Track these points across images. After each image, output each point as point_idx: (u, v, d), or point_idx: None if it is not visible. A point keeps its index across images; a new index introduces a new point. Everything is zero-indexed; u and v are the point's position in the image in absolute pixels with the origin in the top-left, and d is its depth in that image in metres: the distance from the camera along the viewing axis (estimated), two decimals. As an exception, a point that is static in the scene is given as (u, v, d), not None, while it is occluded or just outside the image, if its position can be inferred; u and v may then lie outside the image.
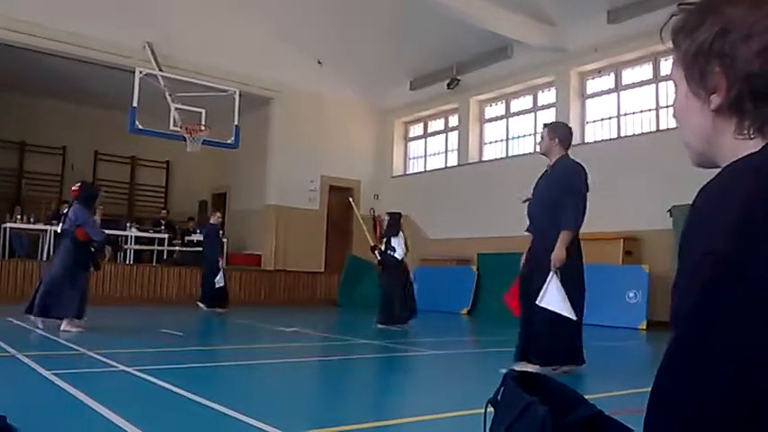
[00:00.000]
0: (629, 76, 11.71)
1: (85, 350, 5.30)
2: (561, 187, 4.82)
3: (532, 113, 13.54)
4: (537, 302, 4.53)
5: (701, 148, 0.87)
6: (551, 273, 4.55)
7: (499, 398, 0.98)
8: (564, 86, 12.43)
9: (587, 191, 4.97)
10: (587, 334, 5.21)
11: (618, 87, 11.84)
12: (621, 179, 10.88)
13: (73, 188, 7.66)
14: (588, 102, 12.40)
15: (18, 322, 7.57)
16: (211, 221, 11.42)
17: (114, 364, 4.58)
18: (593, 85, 12.34)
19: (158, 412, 3.24)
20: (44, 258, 12.27)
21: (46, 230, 12.54)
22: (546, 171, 5.13)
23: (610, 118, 11.96)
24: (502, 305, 11.36)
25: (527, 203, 5.19)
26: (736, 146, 0.79)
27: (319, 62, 14.97)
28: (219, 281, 10.57)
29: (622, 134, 11.63)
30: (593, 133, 12.20)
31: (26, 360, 4.58)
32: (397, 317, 8.50)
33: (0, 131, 15.13)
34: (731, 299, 0.66)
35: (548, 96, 13.15)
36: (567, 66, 12.33)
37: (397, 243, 8.80)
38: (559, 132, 5.02)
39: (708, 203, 0.75)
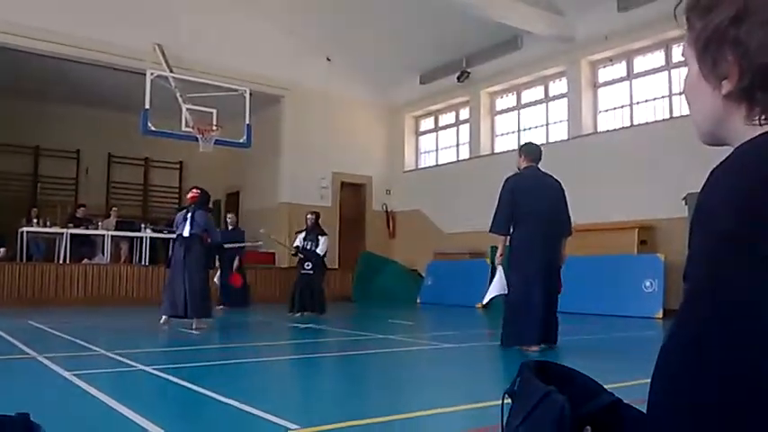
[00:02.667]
0: (640, 63, 11.60)
1: (104, 351, 5.35)
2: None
3: (544, 104, 13.46)
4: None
5: (710, 129, 0.85)
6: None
7: (516, 388, 0.98)
8: (575, 76, 12.34)
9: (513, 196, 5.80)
10: (604, 324, 5.23)
11: (630, 75, 11.73)
12: (635, 168, 10.80)
13: (191, 194, 7.71)
14: (600, 90, 12.30)
15: (37, 324, 7.66)
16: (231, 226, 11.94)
17: (132, 363, 4.62)
18: (604, 74, 12.24)
19: (175, 409, 3.27)
20: (60, 261, 12.39)
21: (62, 234, 12.65)
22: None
23: (622, 106, 11.86)
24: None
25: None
26: (746, 130, 0.78)
27: (328, 59, 14.98)
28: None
29: (635, 122, 11.53)
30: (606, 122, 12.10)
31: (46, 362, 4.63)
32: (324, 307, 9.75)
33: (15, 136, 15.30)
34: (741, 280, 0.65)
35: (559, 86, 13.07)
36: (577, 55, 12.24)
37: (323, 241, 9.75)
38: (524, 149, 6.01)
39: (718, 185, 0.74)
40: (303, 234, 9.97)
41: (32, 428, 0.90)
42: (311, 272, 9.70)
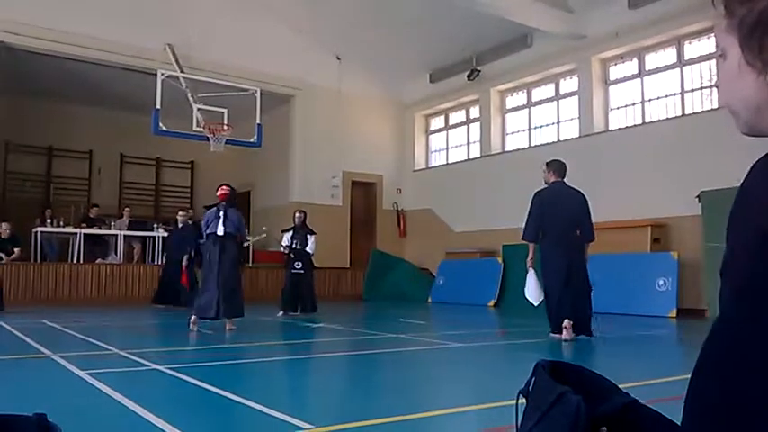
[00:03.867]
0: (652, 60, 11.52)
1: (117, 350, 5.39)
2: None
3: (554, 102, 13.40)
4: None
5: (751, 119, 0.82)
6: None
7: (531, 388, 0.97)
8: (586, 74, 12.28)
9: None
10: (618, 323, 5.20)
11: (641, 73, 11.66)
12: (647, 166, 10.73)
13: (221, 191, 7.44)
14: (611, 88, 12.23)
15: (52, 324, 7.73)
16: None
17: (146, 362, 4.65)
18: (615, 72, 12.17)
19: (189, 408, 3.29)
20: (74, 261, 12.49)
21: (76, 234, 12.75)
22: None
23: (634, 104, 11.79)
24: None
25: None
26: None
27: (338, 58, 14.99)
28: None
29: (647, 120, 11.45)
30: (618, 120, 12.03)
31: (61, 360, 4.67)
32: (316, 305, 9.80)
33: (28, 137, 15.43)
34: None
35: (570, 84, 13.01)
36: (588, 53, 12.18)
37: (313, 240, 9.74)
38: (553, 166, 6.64)
39: (758, 180, 0.72)
40: (290, 233, 9.88)
41: (50, 428, 0.90)
42: (302, 271, 9.65)
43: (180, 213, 11.78)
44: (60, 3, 11.87)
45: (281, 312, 9.49)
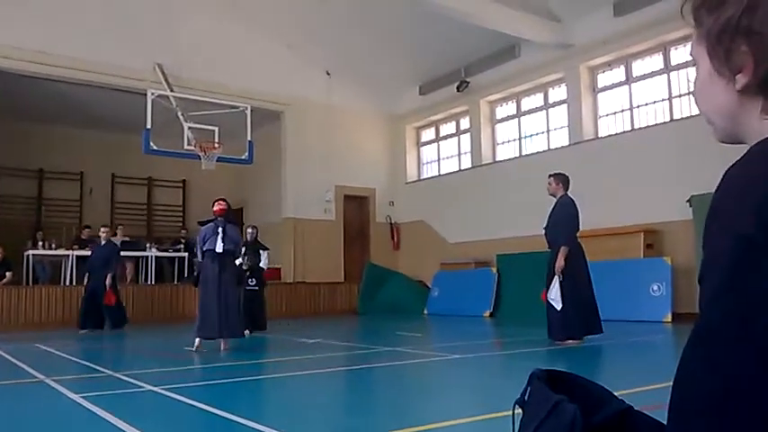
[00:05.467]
0: (639, 67, 11.62)
1: (111, 372, 5.34)
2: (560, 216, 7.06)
3: (544, 111, 13.48)
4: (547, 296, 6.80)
5: (726, 127, 0.83)
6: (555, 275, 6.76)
7: (526, 398, 0.97)
8: (574, 82, 12.36)
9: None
10: (613, 329, 5.22)
11: (629, 79, 11.75)
12: (638, 171, 10.78)
13: (218, 206, 7.13)
14: (600, 95, 12.32)
15: (45, 348, 7.65)
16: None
17: (141, 384, 4.61)
18: (603, 79, 12.26)
19: (184, 429, 3.25)
20: (68, 283, 12.40)
21: (68, 255, 12.67)
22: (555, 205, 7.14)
23: (623, 110, 11.87)
24: (524, 306, 11.25)
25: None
26: (763, 126, 0.76)
27: (328, 73, 15.05)
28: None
29: (636, 126, 11.53)
30: (607, 127, 12.11)
31: (54, 384, 4.62)
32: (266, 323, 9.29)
33: (18, 160, 15.37)
34: (756, 283, 0.64)
35: (558, 93, 13.09)
36: (575, 61, 12.27)
37: (266, 255, 9.36)
38: (561, 179, 7.16)
39: (733, 184, 0.72)
40: (243, 249, 9.05)
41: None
42: (256, 288, 9.15)
43: (102, 229, 11.06)
44: (49, 26, 11.87)
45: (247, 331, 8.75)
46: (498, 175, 13.72)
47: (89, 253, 11.22)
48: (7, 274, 11.45)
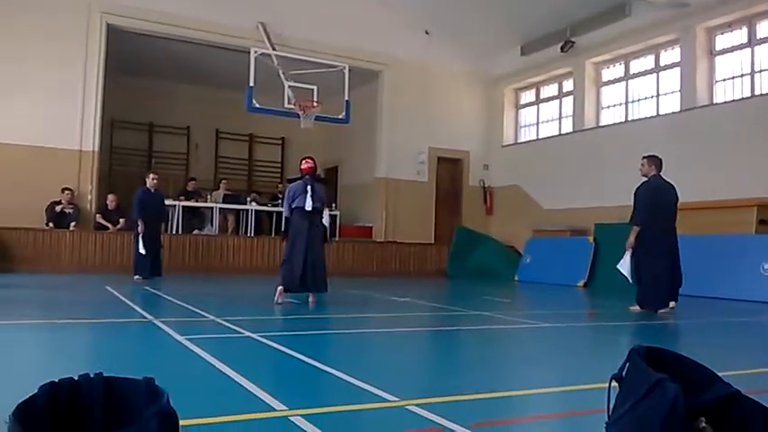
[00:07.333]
0: (764, 28, 10.69)
1: (213, 317, 5.67)
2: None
3: (654, 74, 12.73)
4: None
5: None
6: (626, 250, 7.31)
7: (624, 374, 0.94)
8: (689, 44, 11.56)
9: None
10: (718, 308, 4.94)
11: (752, 42, 10.85)
12: (756, 141, 10.05)
13: (306, 164, 7.17)
14: (717, 59, 11.47)
15: (153, 291, 8.21)
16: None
17: (240, 330, 4.86)
18: (722, 41, 11.38)
19: (280, 375, 3.42)
20: (173, 232, 13.14)
21: (175, 206, 13.39)
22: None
23: (742, 75, 11.01)
24: (622, 277, 10.84)
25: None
26: None
27: (426, 32, 14.85)
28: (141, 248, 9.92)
29: (756, 92, 10.68)
30: (724, 92, 11.29)
31: (162, 325, 4.96)
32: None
33: (131, 114, 16.31)
34: None
35: (671, 55, 12.30)
36: (692, 21, 11.45)
37: (326, 214, 8.31)
38: (654, 161, 7.46)
39: None
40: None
41: (158, 393, 0.95)
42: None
43: (151, 176, 10.62)
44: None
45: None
46: (601, 141, 13.18)
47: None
48: (121, 220, 12.29)
